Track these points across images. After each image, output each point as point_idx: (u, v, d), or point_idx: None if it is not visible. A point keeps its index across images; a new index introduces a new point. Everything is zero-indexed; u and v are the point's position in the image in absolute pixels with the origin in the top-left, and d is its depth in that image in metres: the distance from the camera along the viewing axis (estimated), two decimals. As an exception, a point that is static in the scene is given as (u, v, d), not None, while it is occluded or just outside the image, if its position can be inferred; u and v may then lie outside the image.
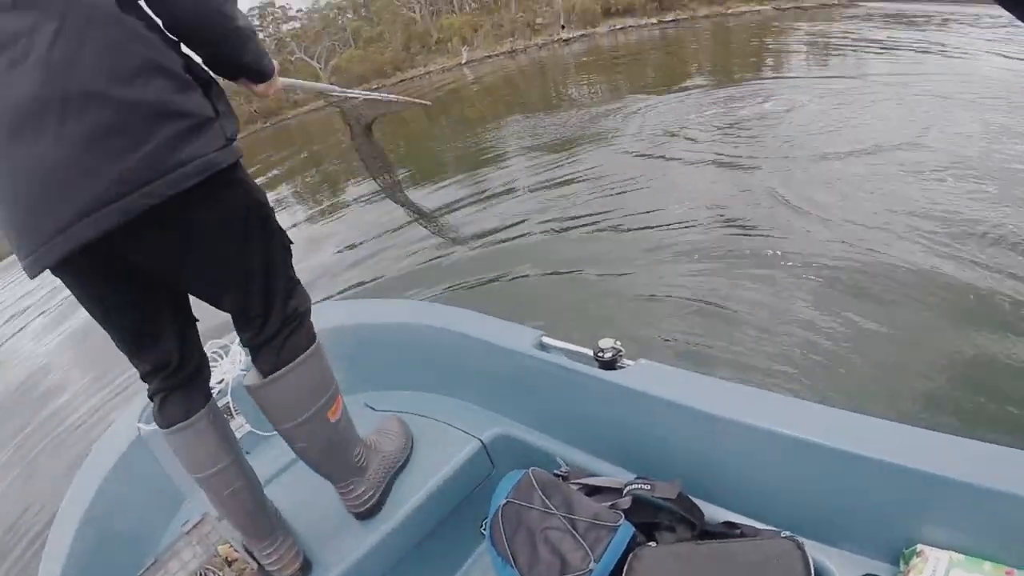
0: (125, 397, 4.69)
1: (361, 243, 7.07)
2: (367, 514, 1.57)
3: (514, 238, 5.64)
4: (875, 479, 1.17)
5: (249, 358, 1.42)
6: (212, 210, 1.14)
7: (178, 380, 1.36)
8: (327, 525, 1.61)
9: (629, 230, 5.21)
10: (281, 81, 1.44)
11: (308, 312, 1.41)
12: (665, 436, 1.45)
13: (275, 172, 15.84)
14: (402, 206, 1.98)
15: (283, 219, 1.69)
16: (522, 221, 6.07)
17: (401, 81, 43.96)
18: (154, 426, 1.74)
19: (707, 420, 1.34)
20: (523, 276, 4.83)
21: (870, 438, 1.19)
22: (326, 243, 7.62)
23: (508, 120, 12.60)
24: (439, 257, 5.68)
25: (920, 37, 17.01)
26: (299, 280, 1.40)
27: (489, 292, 4.69)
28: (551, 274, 4.74)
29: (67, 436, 4.86)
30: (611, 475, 1.52)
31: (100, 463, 1.91)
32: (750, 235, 4.62)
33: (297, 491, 1.75)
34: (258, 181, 1.29)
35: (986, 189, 4.82)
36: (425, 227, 2.09)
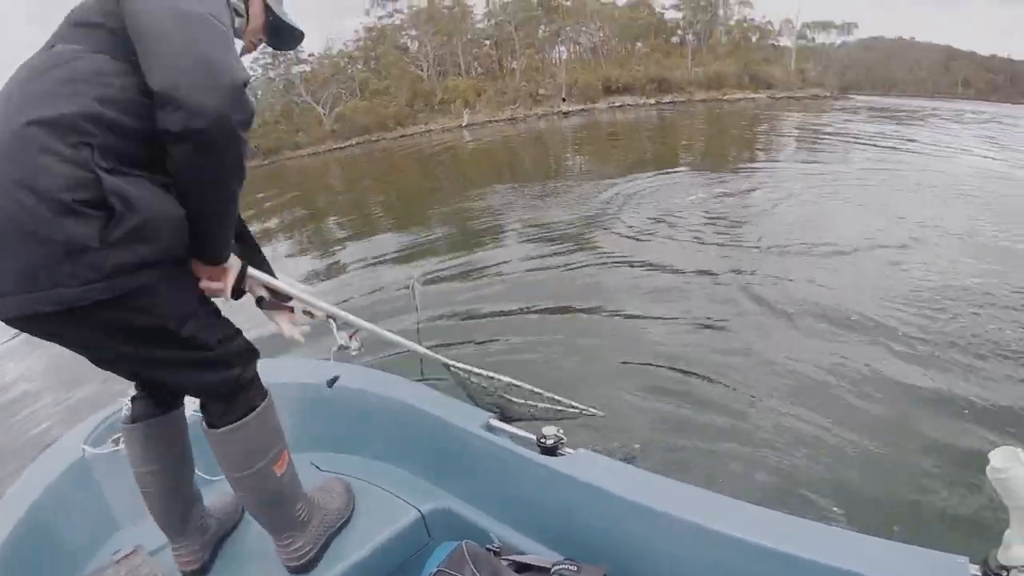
0: (78, 417, 4.55)
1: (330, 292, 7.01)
2: (302, 569, 1.53)
3: (484, 315, 5.52)
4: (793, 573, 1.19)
5: None
6: (95, 329, 1.13)
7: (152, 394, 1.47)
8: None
9: (602, 315, 5.24)
10: (249, 272, 1.40)
11: (249, 380, 1.40)
12: (597, 523, 1.49)
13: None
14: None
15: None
16: (492, 295, 6.04)
17: (402, 136, 44.74)
18: (100, 449, 1.78)
19: (637, 512, 1.37)
20: (491, 341, 4.86)
21: (793, 536, 1.23)
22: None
23: (498, 187, 12.78)
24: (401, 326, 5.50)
25: (905, 132, 17.78)
26: (241, 346, 1.38)
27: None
28: (508, 354, 4.71)
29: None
30: (544, 553, 1.56)
31: (36, 482, 1.87)
32: (721, 331, 4.73)
33: (240, 538, 1.76)
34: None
35: (957, 286, 5.08)
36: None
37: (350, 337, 1.80)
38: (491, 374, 1.99)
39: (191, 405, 1.59)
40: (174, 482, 1.53)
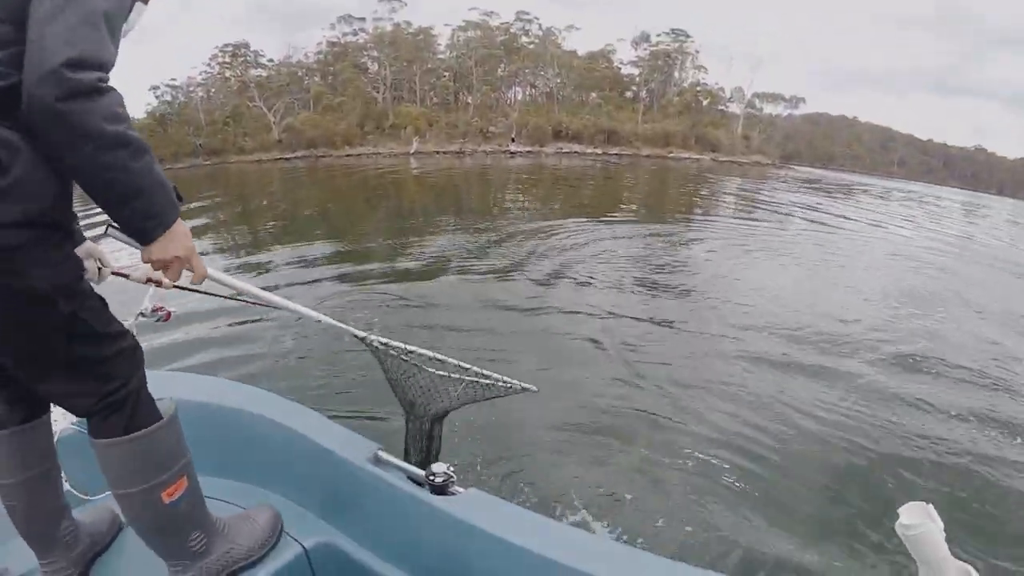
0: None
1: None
2: None
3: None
4: None
5: None
6: None
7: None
8: None
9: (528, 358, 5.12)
10: (197, 264, 1.28)
11: (137, 389, 1.29)
12: (488, 567, 1.42)
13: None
14: None
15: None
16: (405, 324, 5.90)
17: (348, 155, 44.28)
18: None
19: (527, 557, 1.33)
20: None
21: None
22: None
23: (439, 219, 12.65)
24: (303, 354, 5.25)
25: (838, 206, 18.95)
26: (131, 344, 1.29)
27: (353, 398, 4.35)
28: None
29: None
30: None
31: None
32: (635, 378, 4.71)
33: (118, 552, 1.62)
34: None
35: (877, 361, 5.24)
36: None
37: (154, 310, 1.75)
38: (411, 347, 1.89)
39: (58, 410, 1.48)
40: (40, 495, 1.42)
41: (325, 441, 1.70)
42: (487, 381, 1.89)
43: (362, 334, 1.92)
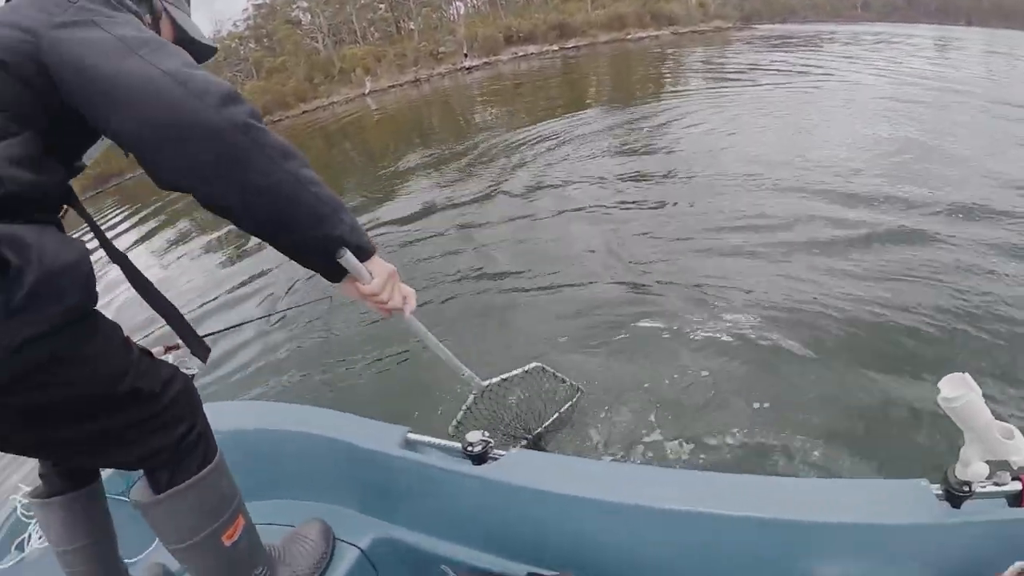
0: None
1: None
2: None
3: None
4: (758, 536, 1.19)
5: None
6: (6, 419, 0.95)
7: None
8: None
9: (534, 279, 4.95)
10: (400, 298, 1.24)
11: (200, 433, 1.22)
12: (546, 524, 1.42)
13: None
14: None
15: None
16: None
17: (304, 112, 43.14)
18: (6, 563, 1.67)
19: (584, 505, 1.32)
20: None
21: (742, 497, 1.22)
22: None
23: (409, 156, 12.25)
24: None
25: (808, 58, 18.50)
26: (185, 385, 1.20)
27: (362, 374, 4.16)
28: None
29: None
30: (501, 569, 1.48)
31: None
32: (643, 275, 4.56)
33: None
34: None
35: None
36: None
37: (166, 350, 1.70)
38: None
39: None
40: (102, 558, 1.38)
41: (352, 438, 1.67)
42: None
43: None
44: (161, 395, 1.11)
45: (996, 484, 1.09)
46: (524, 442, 2.28)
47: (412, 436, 1.63)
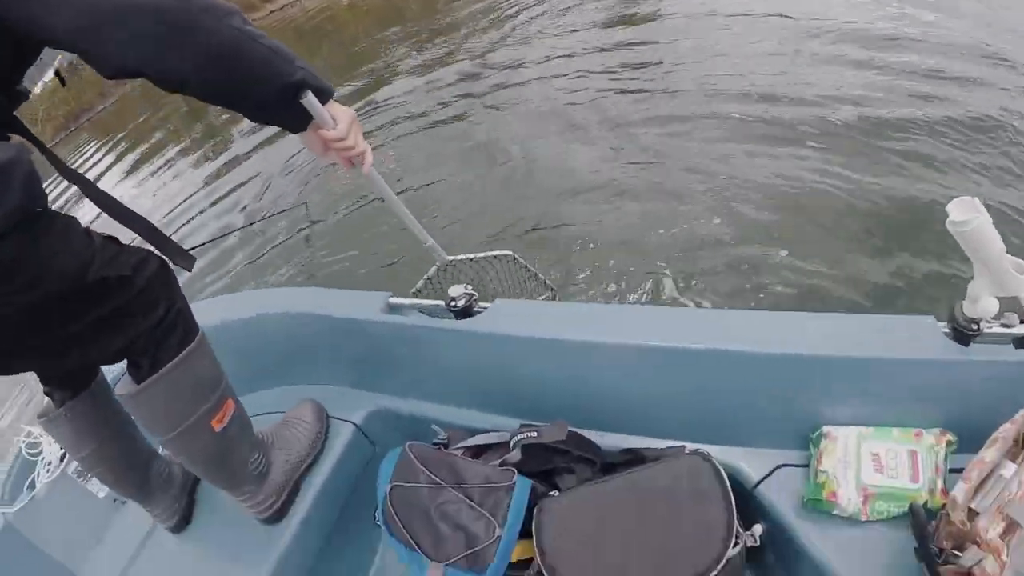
0: None
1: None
2: (272, 520, 1.44)
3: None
4: (762, 372, 1.17)
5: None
6: None
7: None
8: (238, 528, 1.48)
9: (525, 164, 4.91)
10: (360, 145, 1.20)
11: (179, 311, 1.19)
12: (539, 374, 1.39)
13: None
14: None
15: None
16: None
17: (271, 12, 40.84)
18: (18, 504, 1.60)
19: (575, 349, 1.28)
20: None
21: (744, 332, 1.19)
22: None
23: (389, 41, 11.63)
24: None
25: None
26: (156, 265, 1.15)
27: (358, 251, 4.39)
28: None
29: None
30: (493, 426, 1.46)
31: None
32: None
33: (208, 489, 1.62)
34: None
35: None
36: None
37: None
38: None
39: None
40: (120, 450, 1.39)
41: (334, 311, 1.62)
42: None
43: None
44: (134, 278, 1.07)
45: (1004, 325, 1.08)
46: None
47: (394, 300, 1.59)
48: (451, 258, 1.90)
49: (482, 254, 2.02)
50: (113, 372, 1.42)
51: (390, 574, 1.62)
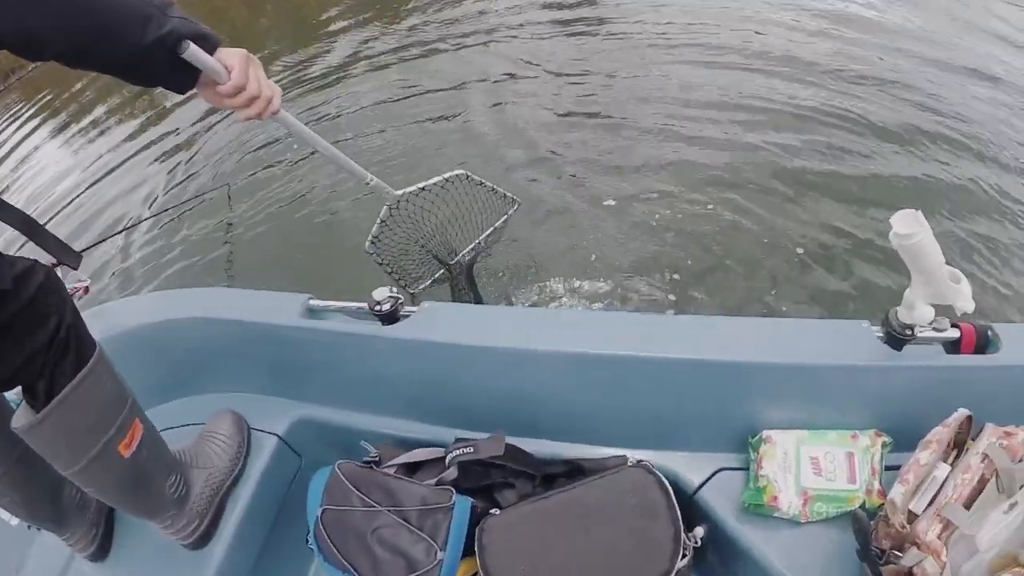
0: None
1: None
2: (197, 545, 1.34)
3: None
4: (700, 378, 1.16)
5: None
6: None
7: None
8: (162, 554, 1.37)
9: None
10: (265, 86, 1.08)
11: (70, 327, 1.05)
12: (471, 382, 1.34)
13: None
14: None
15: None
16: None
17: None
18: None
19: (508, 356, 1.25)
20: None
21: (682, 338, 1.17)
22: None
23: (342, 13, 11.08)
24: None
25: None
26: (43, 275, 1.02)
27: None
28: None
29: None
30: (427, 436, 1.41)
31: None
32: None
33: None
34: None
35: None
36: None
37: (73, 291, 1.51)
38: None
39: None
40: (28, 478, 1.23)
41: (248, 314, 1.49)
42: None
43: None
44: (18, 292, 0.95)
45: (936, 329, 1.09)
46: (454, 268, 2.12)
47: (314, 303, 1.48)
48: (400, 192, 1.78)
49: (432, 180, 1.90)
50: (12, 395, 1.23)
51: None
